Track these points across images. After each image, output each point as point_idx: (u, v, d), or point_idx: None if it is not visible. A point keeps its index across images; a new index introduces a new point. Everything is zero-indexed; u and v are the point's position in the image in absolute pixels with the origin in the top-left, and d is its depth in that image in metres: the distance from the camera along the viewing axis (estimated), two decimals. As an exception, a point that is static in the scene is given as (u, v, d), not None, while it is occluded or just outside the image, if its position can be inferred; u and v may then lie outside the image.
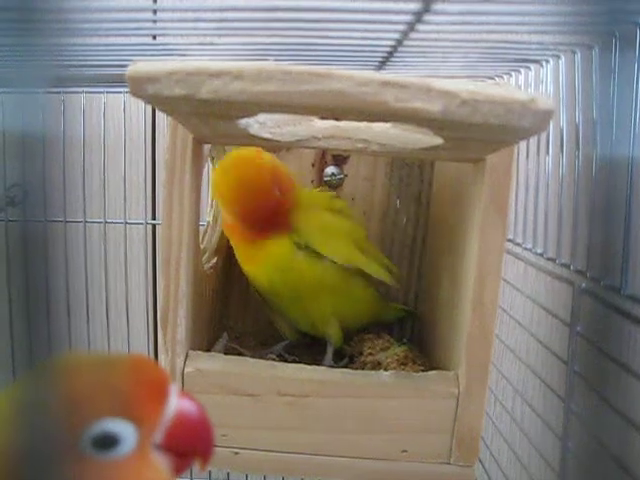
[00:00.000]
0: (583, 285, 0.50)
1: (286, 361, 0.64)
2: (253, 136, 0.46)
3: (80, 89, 0.87)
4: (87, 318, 0.92)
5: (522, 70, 0.63)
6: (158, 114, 0.92)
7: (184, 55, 0.61)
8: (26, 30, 0.48)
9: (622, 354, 0.50)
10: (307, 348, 0.73)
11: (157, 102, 0.45)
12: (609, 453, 0.45)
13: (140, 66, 0.40)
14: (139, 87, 0.40)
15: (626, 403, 0.49)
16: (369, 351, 0.72)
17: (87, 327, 0.93)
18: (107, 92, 0.88)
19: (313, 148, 0.73)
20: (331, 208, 0.70)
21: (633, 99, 0.43)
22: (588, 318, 0.53)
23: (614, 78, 0.46)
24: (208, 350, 0.59)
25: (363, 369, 0.66)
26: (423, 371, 0.61)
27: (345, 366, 0.68)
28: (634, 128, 0.43)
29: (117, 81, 0.77)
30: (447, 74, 0.65)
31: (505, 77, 0.67)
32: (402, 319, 0.81)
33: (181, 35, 0.57)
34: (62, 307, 0.87)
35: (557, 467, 0.53)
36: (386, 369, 0.66)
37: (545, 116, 0.41)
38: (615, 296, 0.45)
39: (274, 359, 0.66)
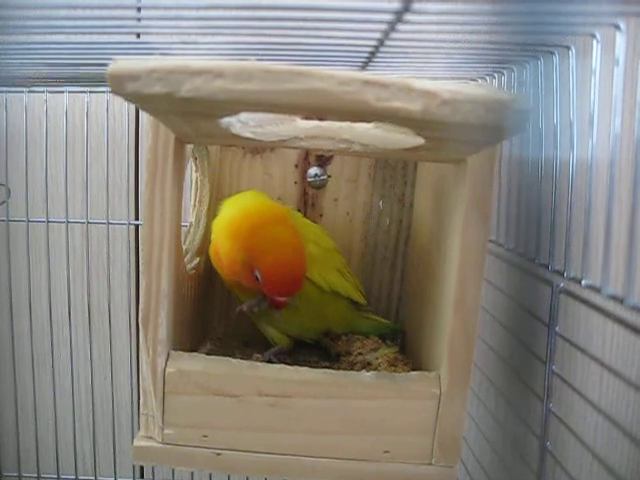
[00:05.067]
0: (561, 285, 0.50)
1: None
2: (235, 136, 0.46)
3: (63, 88, 0.87)
4: (69, 317, 0.92)
5: (505, 72, 0.63)
6: (142, 114, 0.92)
7: (168, 54, 0.60)
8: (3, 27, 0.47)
9: (603, 354, 0.50)
10: (297, 356, 0.73)
11: (138, 100, 0.45)
12: (590, 452, 0.45)
13: (121, 64, 0.40)
14: (120, 85, 0.40)
15: (607, 402, 0.49)
16: (359, 351, 0.72)
17: (69, 326, 0.92)
18: (90, 92, 0.88)
19: (296, 148, 0.73)
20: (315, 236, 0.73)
21: (612, 101, 0.43)
22: (568, 318, 0.53)
23: (594, 80, 0.46)
24: (191, 351, 0.59)
25: (352, 369, 0.66)
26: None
27: (329, 366, 0.68)
28: (613, 130, 0.43)
29: (100, 80, 0.77)
30: (430, 75, 0.65)
31: (488, 79, 0.67)
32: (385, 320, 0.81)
33: (165, 34, 0.57)
34: (44, 306, 0.87)
35: (536, 467, 0.53)
36: (377, 369, 0.67)
37: (525, 116, 0.42)
38: (596, 296, 0.46)
39: (258, 359, 0.66)
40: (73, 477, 0.98)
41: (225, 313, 0.82)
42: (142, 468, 1.02)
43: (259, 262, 0.61)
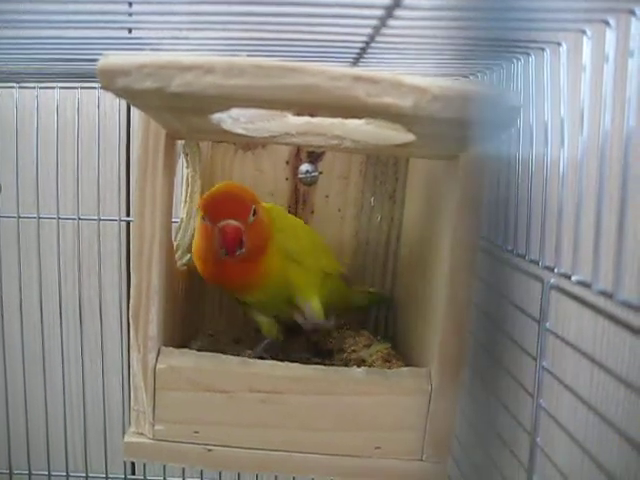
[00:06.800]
0: (551, 281, 0.51)
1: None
2: (226, 132, 0.46)
3: (54, 84, 0.86)
4: (60, 313, 0.92)
5: (495, 68, 0.63)
6: (133, 110, 0.92)
7: (159, 49, 0.60)
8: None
9: (594, 350, 0.50)
10: (289, 352, 0.73)
11: (128, 96, 0.45)
12: (580, 448, 0.46)
13: (111, 59, 0.40)
14: (110, 80, 0.40)
15: (598, 398, 0.49)
16: (352, 348, 0.73)
17: (60, 323, 0.92)
18: (81, 88, 0.87)
19: (287, 144, 0.73)
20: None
21: (602, 97, 0.43)
22: (559, 314, 0.53)
23: (584, 76, 0.46)
24: (182, 347, 0.59)
25: (347, 365, 0.66)
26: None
27: (321, 363, 0.68)
28: (603, 126, 0.43)
29: (91, 76, 0.76)
30: (422, 72, 0.65)
31: (479, 75, 0.67)
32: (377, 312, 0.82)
33: (157, 29, 0.57)
34: (35, 302, 0.86)
35: (526, 463, 0.53)
36: (372, 366, 0.67)
37: (516, 113, 0.42)
38: (586, 292, 0.46)
39: (249, 355, 0.66)
40: (64, 474, 0.98)
41: (217, 310, 0.82)
42: (133, 464, 1.01)
43: (202, 201, 0.63)
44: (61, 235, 0.92)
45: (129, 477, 1.01)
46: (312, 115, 0.44)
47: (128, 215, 0.93)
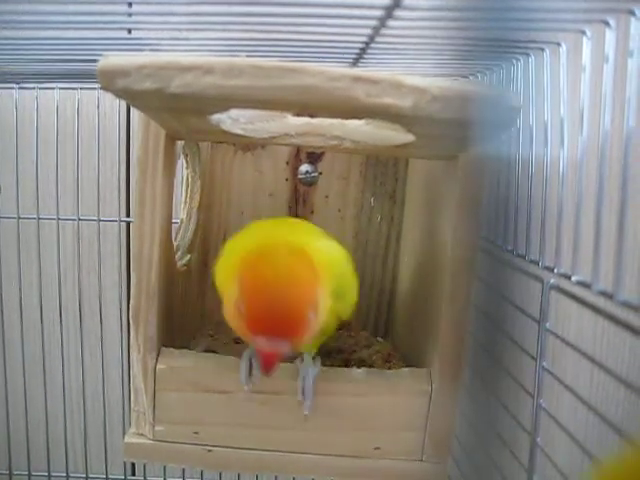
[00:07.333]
0: (551, 281, 0.51)
1: None
2: (226, 132, 0.46)
3: (54, 85, 0.86)
4: (60, 314, 0.92)
5: (495, 68, 0.63)
6: (133, 111, 0.91)
7: (158, 50, 0.60)
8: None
9: (594, 350, 0.50)
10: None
11: (128, 96, 0.45)
12: (580, 448, 0.46)
13: (111, 60, 0.40)
14: (109, 81, 0.40)
15: (598, 399, 0.49)
16: (352, 348, 0.73)
17: (60, 324, 0.92)
18: (81, 88, 0.87)
19: (286, 145, 0.73)
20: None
21: (602, 98, 0.43)
22: (559, 314, 0.53)
23: (584, 76, 0.46)
24: (182, 347, 0.59)
25: (347, 366, 0.66)
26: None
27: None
28: (603, 127, 0.43)
29: (91, 77, 0.76)
30: (421, 72, 0.65)
31: (479, 76, 0.67)
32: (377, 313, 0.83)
33: (156, 29, 0.57)
34: (35, 303, 0.86)
35: (526, 463, 0.53)
36: (372, 366, 0.67)
37: (516, 113, 0.42)
38: (586, 292, 0.46)
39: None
40: (64, 474, 0.98)
41: (217, 310, 0.81)
42: (133, 465, 1.01)
43: (243, 287, 0.49)
44: (61, 236, 0.92)
45: (129, 478, 1.01)
46: (312, 116, 0.44)
47: (128, 216, 0.93)
